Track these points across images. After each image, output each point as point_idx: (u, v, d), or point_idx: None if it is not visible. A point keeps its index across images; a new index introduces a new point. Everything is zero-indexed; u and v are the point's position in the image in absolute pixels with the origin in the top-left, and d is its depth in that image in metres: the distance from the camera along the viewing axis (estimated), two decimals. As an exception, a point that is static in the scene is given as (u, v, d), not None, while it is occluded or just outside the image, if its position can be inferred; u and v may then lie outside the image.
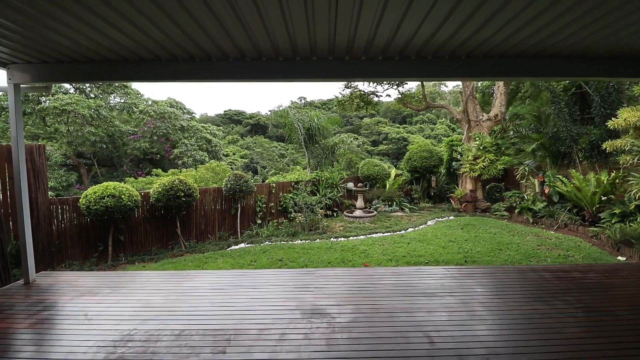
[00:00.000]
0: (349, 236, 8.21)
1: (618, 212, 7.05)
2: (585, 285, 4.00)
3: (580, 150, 8.68)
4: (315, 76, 4.14)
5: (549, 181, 9.16)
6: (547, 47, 3.71)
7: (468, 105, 12.24)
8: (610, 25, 3.18)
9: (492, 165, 11.15)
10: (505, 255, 6.17)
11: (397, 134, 37.39)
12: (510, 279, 4.27)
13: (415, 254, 6.37)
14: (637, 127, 6.66)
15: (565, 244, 6.78)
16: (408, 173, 13.29)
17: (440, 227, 8.90)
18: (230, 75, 4.06)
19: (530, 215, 9.18)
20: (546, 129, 9.71)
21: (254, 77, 4.10)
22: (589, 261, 5.74)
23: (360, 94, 14.85)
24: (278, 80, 4.16)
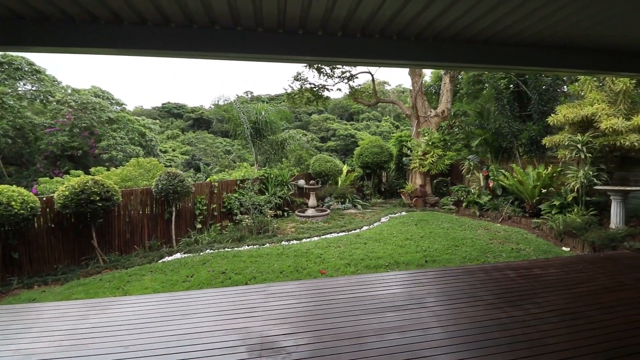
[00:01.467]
0: (301, 238, 7.55)
1: (557, 203, 7.42)
2: (550, 284, 3.86)
3: (521, 145, 9.11)
4: (282, 52, 3.36)
5: (493, 175, 9.49)
6: (526, 34, 3.41)
7: (417, 101, 12.34)
8: (595, 16, 2.95)
9: (440, 160, 11.35)
10: (462, 251, 6.04)
11: (345, 130, 37.75)
12: (477, 281, 3.98)
13: (374, 256, 5.94)
14: (573, 123, 7.02)
15: (513, 236, 6.93)
16: (360, 169, 13.06)
17: (394, 224, 8.68)
18: (163, 44, 3.08)
19: (477, 209, 9.43)
20: (489, 125, 10.06)
21: (201, 48, 3.18)
22: (539, 253, 5.84)
23: (310, 88, 14.23)
24: (235, 55, 3.28)
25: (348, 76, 13.80)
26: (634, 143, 6.18)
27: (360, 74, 14.13)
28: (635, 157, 6.74)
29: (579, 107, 6.95)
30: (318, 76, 13.92)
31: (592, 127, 6.78)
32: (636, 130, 6.19)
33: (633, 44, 3.90)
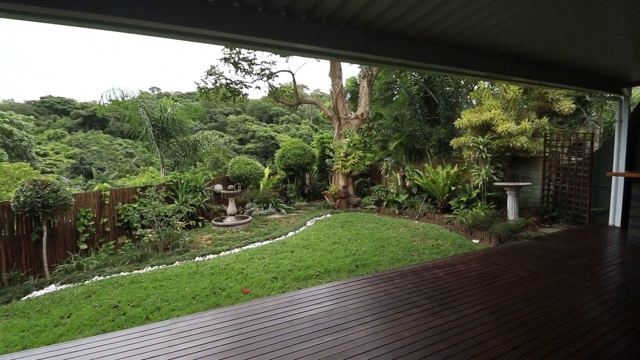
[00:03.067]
0: (220, 251, 6.64)
1: (464, 199, 8.12)
2: (476, 280, 3.94)
3: (432, 146, 9.82)
4: (230, 30, 2.65)
5: (409, 175, 10.03)
6: (448, 34, 3.35)
7: (338, 103, 12.41)
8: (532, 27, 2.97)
9: (361, 161, 11.59)
10: (389, 252, 6.01)
11: (265, 132, 36.84)
12: (410, 284, 3.83)
13: (303, 265, 5.46)
14: (475, 126, 7.76)
15: (431, 232, 7.28)
16: (282, 171, 12.53)
17: (320, 227, 8.40)
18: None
19: (396, 207, 9.82)
20: (404, 129, 10.64)
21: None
22: (456, 247, 6.18)
23: (227, 83, 13.12)
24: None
25: (268, 74, 13.17)
26: (523, 144, 7.09)
27: (280, 72, 13.64)
28: (522, 156, 7.79)
29: (479, 112, 7.72)
30: (235, 71, 12.95)
31: (490, 130, 7.60)
32: (524, 133, 7.13)
33: (545, 56, 4.31)
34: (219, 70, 12.63)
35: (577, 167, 6.75)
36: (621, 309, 3.12)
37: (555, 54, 4.32)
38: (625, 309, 3.12)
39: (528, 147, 7.19)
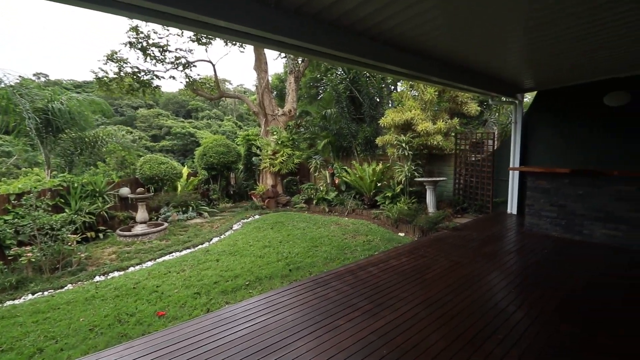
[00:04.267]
0: (127, 267, 5.63)
1: (389, 195, 8.50)
2: (408, 274, 4.00)
3: (358, 144, 10.08)
4: None
5: (338, 173, 10.13)
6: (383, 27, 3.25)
7: (264, 98, 11.89)
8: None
9: (290, 159, 11.31)
10: (322, 252, 5.87)
11: (182, 128, 33.83)
12: (347, 286, 3.70)
13: (230, 275, 4.93)
14: (398, 125, 8.16)
15: (361, 229, 7.41)
16: (204, 171, 11.49)
17: (249, 230, 7.86)
18: None
19: (326, 205, 9.83)
20: (332, 127, 10.71)
21: None
22: (385, 242, 6.37)
23: (133, 72, 11.43)
24: None
25: (184, 63, 11.91)
26: (439, 142, 7.71)
27: (199, 62, 12.48)
28: (438, 154, 8.49)
29: (401, 112, 8.15)
30: (144, 59, 11.37)
31: (411, 129, 8.08)
32: (440, 132, 7.75)
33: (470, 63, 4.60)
34: (122, 56, 10.92)
35: (482, 163, 7.62)
36: (530, 291, 3.47)
37: (469, 60, 4.67)
38: (532, 291, 3.47)
39: (443, 145, 7.86)
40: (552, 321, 2.87)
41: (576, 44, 3.90)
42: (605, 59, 4.55)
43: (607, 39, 3.73)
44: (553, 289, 3.50)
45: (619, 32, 3.53)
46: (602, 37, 3.69)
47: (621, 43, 3.86)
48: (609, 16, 3.13)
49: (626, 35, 3.61)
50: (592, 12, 3.05)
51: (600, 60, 4.58)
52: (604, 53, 4.27)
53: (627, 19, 3.18)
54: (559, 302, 3.20)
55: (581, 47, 4.03)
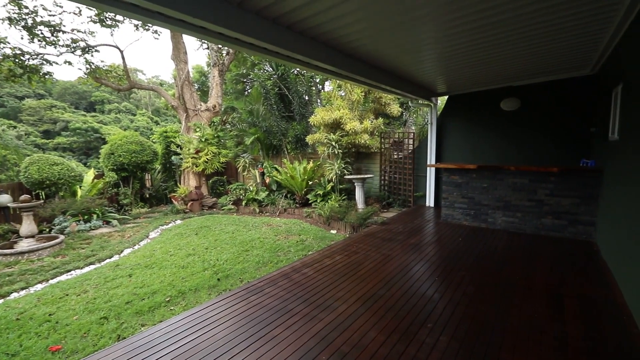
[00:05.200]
0: (8, 294, 4.50)
1: (320, 192, 8.55)
2: (343, 272, 4.00)
3: (289, 142, 9.91)
4: None
5: (268, 172, 9.82)
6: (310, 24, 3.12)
7: (184, 92, 10.86)
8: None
9: (215, 158, 10.57)
10: (254, 256, 5.55)
11: (83, 123, 29.23)
12: (283, 291, 3.52)
13: (147, 292, 4.30)
14: (327, 124, 8.23)
15: (293, 228, 7.28)
16: (112, 173, 10.00)
17: (169, 237, 7.06)
18: None
19: (256, 206, 9.45)
20: (260, 124, 10.33)
21: None
22: (318, 240, 6.34)
23: (14, 55, 9.32)
24: None
25: (84, 47, 10.18)
26: (366, 141, 8.01)
27: (102, 46, 10.82)
28: (365, 152, 8.84)
29: (330, 111, 8.24)
30: (30, 39, 9.37)
31: (340, 128, 8.24)
32: (366, 132, 8.06)
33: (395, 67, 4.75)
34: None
35: (404, 160, 8.17)
36: (451, 277, 3.76)
37: (392, 64, 4.89)
38: (453, 277, 3.77)
39: (369, 143, 8.20)
40: (472, 303, 3.13)
41: (478, 55, 4.41)
42: (501, 70, 5.24)
43: (504, 53, 4.29)
44: (469, 273, 3.86)
45: (515, 46, 4.07)
46: (501, 51, 4.22)
47: (516, 56, 4.47)
48: (508, 31, 3.56)
49: (520, 50, 4.19)
50: (494, 26, 3.44)
51: (498, 71, 5.27)
52: (501, 65, 4.92)
53: (522, 35, 3.67)
54: (476, 285, 3.53)
55: (482, 59, 4.57)
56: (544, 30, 3.56)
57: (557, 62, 4.90)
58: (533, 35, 3.72)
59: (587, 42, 4.04)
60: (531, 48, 4.16)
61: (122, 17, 10.55)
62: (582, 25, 3.47)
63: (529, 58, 4.62)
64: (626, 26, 3.43)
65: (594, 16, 3.25)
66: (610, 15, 3.25)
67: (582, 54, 4.57)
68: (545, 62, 4.91)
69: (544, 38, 3.81)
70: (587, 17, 3.29)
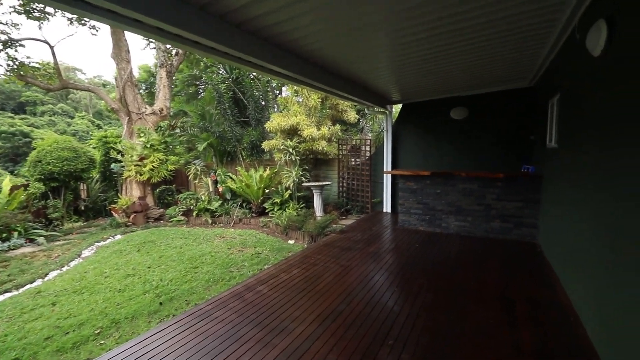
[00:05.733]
0: None
1: (278, 201, 8.24)
2: (300, 288, 3.77)
3: (244, 149, 9.48)
4: None
5: (222, 180, 9.29)
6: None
7: (126, 93, 9.94)
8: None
9: (162, 166, 9.78)
10: (204, 273, 5.09)
11: (10, 126, 25.83)
12: (234, 313, 3.19)
13: (72, 323, 3.68)
14: (284, 130, 7.99)
15: (249, 240, 6.88)
16: (39, 183, 8.78)
17: (105, 255, 6.28)
18: None
19: (209, 216, 8.86)
20: (213, 129, 9.78)
21: None
22: (275, 252, 6.03)
23: None
24: None
25: (5, 40, 8.90)
26: (323, 148, 7.90)
27: (28, 40, 9.56)
28: (323, 158, 8.72)
29: (287, 117, 8.02)
30: None
31: (297, 134, 8.04)
32: (324, 138, 7.96)
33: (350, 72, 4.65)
34: None
35: (361, 167, 8.19)
36: (410, 287, 3.70)
37: (349, 70, 4.82)
38: (412, 286, 3.72)
39: (327, 150, 8.10)
40: (431, 313, 3.07)
41: (428, 66, 4.52)
42: (450, 81, 5.45)
43: (452, 64, 4.44)
44: (427, 280, 3.84)
45: (462, 58, 4.21)
46: (449, 62, 4.36)
47: (463, 68, 4.63)
48: (455, 42, 3.66)
49: (467, 62, 4.35)
50: (441, 38, 3.51)
51: (447, 81, 5.47)
52: (449, 76, 5.11)
53: (468, 48, 3.78)
54: (434, 292, 3.50)
55: (432, 69, 4.69)
56: (487, 44, 3.73)
57: (500, 74, 5.19)
58: (477, 48, 3.88)
59: (526, 56, 4.30)
60: (476, 60, 4.35)
61: (53, 9, 9.43)
62: (521, 39, 3.66)
63: (474, 70, 4.84)
64: (561, 44, 3.68)
65: (531, 31, 3.44)
66: (547, 31, 3.46)
67: (522, 68, 4.87)
68: (490, 74, 5.18)
69: (488, 51, 4.00)
70: (525, 33, 3.47)
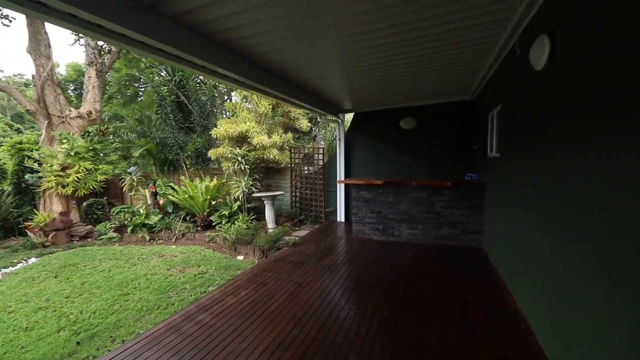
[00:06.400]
0: None
1: (226, 213, 7.68)
2: (249, 312, 3.38)
3: (188, 157, 8.75)
4: None
5: (162, 191, 8.45)
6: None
7: (46, 93, 8.63)
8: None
9: (90, 176, 8.62)
10: (136, 301, 4.42)
11: None
12: (168, 352, 2.71)
13: (-51, 381, 2.87)
14: (232, 137, 7.51)
15: (192, 258, 6.24)
16: None
17: (12, 285, 5.22)
18: None
19: (147, 232, 7.96)
20: (153, 135, 8.90)
21: None
22: (222, 270, 5.51)
23: None
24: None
25: None
26: (275, 156, 7.56)
27: None
28: (274, 167, 8.37)
29: (236, 124, 7.56)
30: None
31: (246, 142, 7.61)
32: (276, 146, 7.63)
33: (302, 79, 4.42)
34: None
35: (314, 176, 8.00)
36: (367, 302, 3.52)
37: (302, 77, 4.62)
38: (368, 301, 3.54)
39: (279, 159, 7.78)
40: (389, 330, 2.90)
41: (377, 75, 4.51)
42: (398, 91, 5.54)
43: (400, 75, 4.49)
44: (383, 293, 3.70)
45: (409, 69, 4.27)
46: (397, 72, 4.39)
47: (410, 79, 4.70)
48: (403, 53, 3.66)
49: (413, 73, 4.41)
50: (390, 47, 3.50)
51: (395, 91, 5.56)
52: (398, 86, 5.18)
53: (415, 60, 3.80)
54: (391, 307, 3.35)
55: (380, 78, 4.69)
56: (431, 56, 3.82)
57: (444, 86, 5.39)
58: (425, 60, 3.96)
59: (470, 69, 4.48)
60: (424, 72, 4.47)
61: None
62: (468, 52, 3.77)
63: (422, 82, 4.97)
64: (501, 59, 3.86)
65: (476, 45, 3.55)
66: (489, 45, 3.59)
67: (465, 81, 5.09)
68: (435, 87, 5.35)
69: (432, 64, 4.11)
70: (471, 47, 3.58)
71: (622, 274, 1.56)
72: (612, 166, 1.65)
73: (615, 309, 1.62)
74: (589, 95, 1.90)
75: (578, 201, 2.01)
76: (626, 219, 1.53)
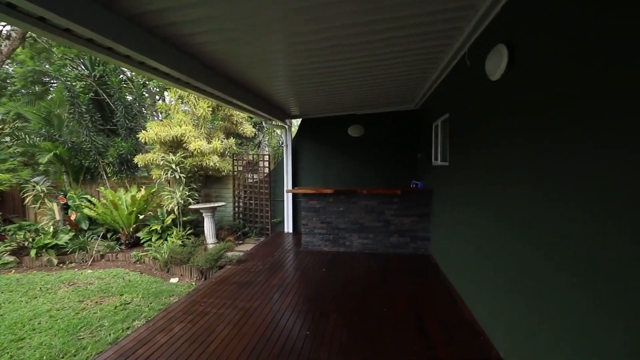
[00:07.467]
0: None
1: (157, 228, 6.74)
2: (184, 355, 2.79)
3: (109, 164, 7.54)
4: None
5: (75, 204, 7.13)
6: None
7: None
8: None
9: (-25, 188, 6.91)
10: (33, 348, 3.45)
11: None
12: None
13: None
14: (165, 142, 6.64)
15: (113, 284, 5.25)
16: None
17: None
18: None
19: (54, 255, 6.59)
20: (63, 138, 7.50)
21: None
22: (150, 299, 4.68)
23: None
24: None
25: None
26: (215, 163, 6.88)
27: None
28: (215, 175, 7.64)
29: (169, 127, 6.71)
30: None
31: (182, 147, 6.80)
32: (216, 153, 6.94)
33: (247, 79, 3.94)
34: None
35: (260, 184, 7.49)
36: (323, 325, 3.18)
37: (246, 77, 4.20)
38: (325, 323, 3.19)
39: (220, 166, 7.12)
40: (349, 356, 2.60)
41: (324, 80, 4.32)
42: (345, 98, 5.44)
43: (346, 82, 4.36)
44: (340, 313, 3.40)
45: (355, 77, 4.15)
46: (342, 79, 4.25)
47: (356, 86, 4.61)
48: (350, 59, 3.52)
49: (359, 81, 4.31)
50: (336, 51, 3.33)
51: (342, 98, 5.45)
52: (344, 93, 5.07)
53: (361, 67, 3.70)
54: (348, 328, 3.06)
55: (326, 83, 4.51)
56: (379, 64, 3.72)
57: (390, 96, 5.41)
58: (370, 68, 3.88)
59: (416, 79, 4.51)
60: (369, 80, 4.41)
61: None
62: (418, 61, 3.74)
63: (367, 90, 4.94)
64: (449, 69, 3.90)
65: (426, 54, 3.53)
66: (438, 56, 3.60)
67: (412, 90, 5.15)
68: (380, 95, 5.34)
69: (380, 71, 4.05)
70: (420, 55, 3.55)
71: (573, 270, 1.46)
72: (567, 164, 1.57)
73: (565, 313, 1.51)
74: (548, 102, 1.85)
75: (526, 210, 1.95)
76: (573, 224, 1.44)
